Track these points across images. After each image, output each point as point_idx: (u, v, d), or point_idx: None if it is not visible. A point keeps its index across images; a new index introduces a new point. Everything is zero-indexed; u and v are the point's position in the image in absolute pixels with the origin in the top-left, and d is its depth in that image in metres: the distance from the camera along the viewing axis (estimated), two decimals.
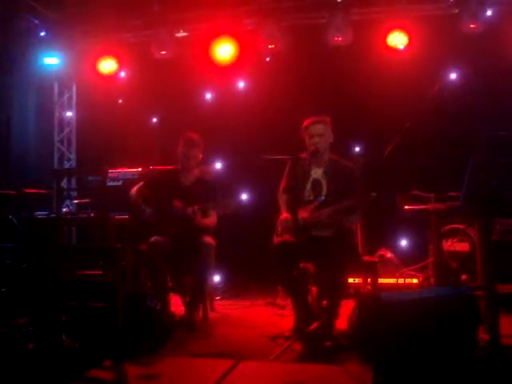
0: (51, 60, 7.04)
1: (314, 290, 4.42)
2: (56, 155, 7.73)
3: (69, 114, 7.85)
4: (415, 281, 5.82)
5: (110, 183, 6.05)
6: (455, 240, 5.48)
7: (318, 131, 4.40)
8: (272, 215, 4.58)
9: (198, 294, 4.67)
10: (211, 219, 4.85)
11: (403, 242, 6.52)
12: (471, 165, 3.84)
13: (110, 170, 6.16)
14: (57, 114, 7.76)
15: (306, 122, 4.47)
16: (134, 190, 5.04)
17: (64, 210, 6.07)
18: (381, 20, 6.35)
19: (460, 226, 5.48)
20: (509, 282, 4.72)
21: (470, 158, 3.82)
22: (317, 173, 4.44)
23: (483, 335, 3.62)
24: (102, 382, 3.24)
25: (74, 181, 7.59)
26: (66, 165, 7.79)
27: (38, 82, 7.20)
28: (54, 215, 5.61)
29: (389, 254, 5.97)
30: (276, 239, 4.38)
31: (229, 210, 4.53)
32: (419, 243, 5.99)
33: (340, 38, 6.33)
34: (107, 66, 7.07)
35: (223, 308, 5.45)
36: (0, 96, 6.68)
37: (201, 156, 4.99)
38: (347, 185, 4.30)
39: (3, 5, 6.29)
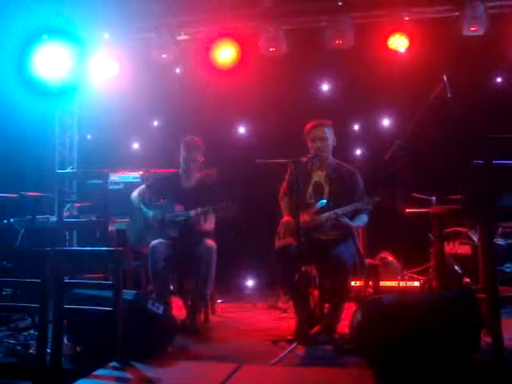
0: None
1: (316, 293, 4.41)
2: (57, 159, 7.72)
3: (69, 117, 7.84)
4: (417, 284, 5.82)
5: (111, 187, 6.05)
6: (457, 243, 5.48)
7: (321, 135, 4.39)
8: (273, 218, 4.58)
9: (199, 297, 4.66)
10: (210, 223, 4.85)
11: (405, 245, 6.50)
12: (473, 167, 3.84)
13: (110, 174, 6.16)
14: (58, 117, 7.75)
15: (308, 126, 4.46)
16: (135, 193, 5.05)
17: (65, 213, 6.07)
18: (382, 23, 6.36)
19: (462, 229, 5.47)
20: (511, 285, 4.72)
21: (472, 160, 3.82)
22: (319, 176, 4.43)
23: (485, 338, 3.61)
24: None
25: (75, 184, 7.58)
26: (67, 168, 7.78)
27: (38, 85, 7.19)
28: (55, 219, 5.61)
29: (390, 257, 5.98)
30: (278, 242, 4.38)
31: (230, 213, 4.53)
32: (421, 246, 5.98)
33: (341, 41, 6.34)
34: (108, 68, 7.07)
35: (225, 311, 5.46)
36: (0, 99, 6.67)
37: (202, 159, 4.99)
38: (349, 189, 4.30)
39: (4, 8, 6.29)
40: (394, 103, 6.48)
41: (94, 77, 7.12)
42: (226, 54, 6.64)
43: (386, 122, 6.70)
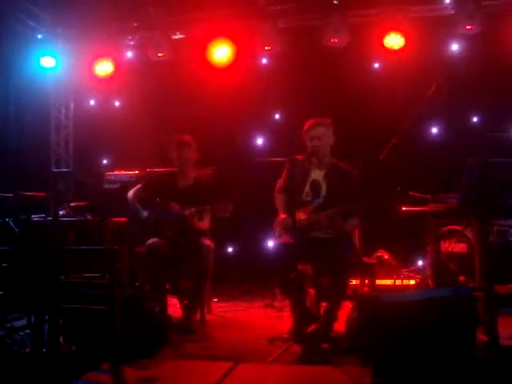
0: (48, 62, 7.03)
1: (312, 291, 4.41)
2: (53, 158, 7.71)
3: (65, 116, 7.83)
4: (413, 282, 5.83)
5: (107, 186, 6.04)
6: (453, 241, 5.49)
7: (318, 134, 4.36)
8: (269, 217, 4.57)
9: (195, 296, 4.66)
10: (206, 222, 4.84)
11: (401, 244, 6.51)
12: (468, 165, 3.84)
13: (106, 173, 6.15)
14: (53, 117, 7.73)
15: (306, 124, 4.43)
16: (132, 192, 5.04)
17: (61, 212, 6.06)
18: (377, 21, 6.35)
19: (458, 227, 5.48)
20: (507, 283, 4.73)
21: (467, 158, 3.83)
22: (317, 174, 4.42)
23: (482, 336, 3.61)
24: None
25: (70, 184, 7.56)
26: (63, 167, 7.76)
27: (34, 85, 7.18)
28: (51, 218, 5.60)
29: (386, 256, 5.98)
30: (274, 241, 4.37)
31: (225, 212, 4.52)
32: (417, 244, 5.98)
33: (337, 40, 6.34)
34: (103, 68, 7.06)
35: (221, 310, 5.44)
36: None
37: (195, 156, 4.97)
38: (347, 189, 4.29)
39: None
40: (390, 101, 6.47)
41: (89, 76, 7.10)
42: (221, 52, 6.63)
43: (381, 120, 6.69)
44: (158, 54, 6.79)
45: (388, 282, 5.80)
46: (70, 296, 3.85)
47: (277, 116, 7.27)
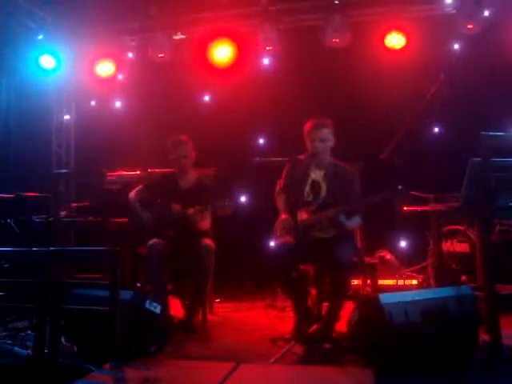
0: (48, 63, 7.03)
1: (314, 291, 4.41)
2: (54, 159, 7.71)
3: (66, 117, 7.83)
4: (415, 282, 5.82)
5: (108, 186, 6.04)
6: (455, 241, 5.47)
7: (321, 136, 4.33)
8: (271, 217, 4.57)
9: (197, 296, 4.65)
10: (206, 222, 4.84)
11: (403, 243, 6.50)
12: (470, 165, 3.84)
13: (108, 174, 6.15)
14: (54, 118, 7.73)
15: (308, 125, 4.40)
16: (133, 193, 5.04)
17: (62, 213, 6.05)
18: (378, 21, 6.35)
19: (459, 227, 5.47)
20: (509, 283, 4.72)
21: (469, 158, 3.82)
22: (316, 174, 4.41)
23: (483, 336, 3.61)
24: None
25: (72, 184, 7.57)
26: (64, 168, 7.76)
27: (35, 86, 7.18)
28: (52, 219, 5.59)
29: (388, 255, 5.97)
30: (275, 241, 4.37)
31: (227, 212, 4.52)
32: (419, 244, 5.97)
33: (338, 40, 6.33)
34: (104, 68, 7.07)
35: (222, 311, 5.44)
36: None
37: (193, 154, 4.97)
38: (348, 189, 4.28)
39: (0, 8, 6.28)
40: (392, 101, 6.45)
41: (90, 77, 7.10)
42: (222, 53, 6.63)
43: (382, 120, 6.68)
44: (159, 55, 6.78)
45: (390, 281, 5.79)
46: (71, 296, 3.85)
47: (278, 116, 7.26)
